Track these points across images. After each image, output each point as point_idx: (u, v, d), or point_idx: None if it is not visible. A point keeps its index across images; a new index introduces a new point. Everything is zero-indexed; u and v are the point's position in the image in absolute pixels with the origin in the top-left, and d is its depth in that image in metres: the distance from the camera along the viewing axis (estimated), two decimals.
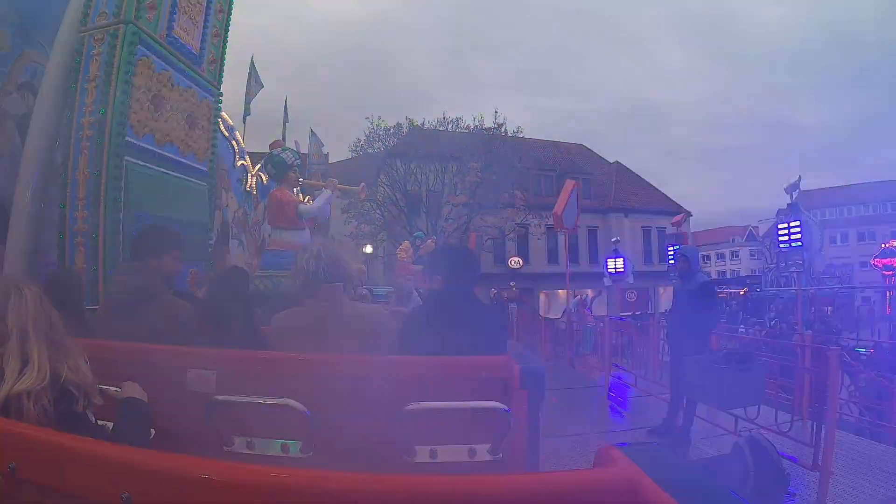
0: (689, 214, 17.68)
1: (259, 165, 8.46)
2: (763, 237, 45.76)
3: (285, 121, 13.78)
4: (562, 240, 11.52)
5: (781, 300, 20.22)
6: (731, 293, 28.66)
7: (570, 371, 9.66)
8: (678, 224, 16.17)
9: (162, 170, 4.77)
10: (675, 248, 11.77)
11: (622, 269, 12.61)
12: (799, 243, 8.16)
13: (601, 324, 9.86)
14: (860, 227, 39.90)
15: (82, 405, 1.21)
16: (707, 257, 40.01)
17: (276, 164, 5.35)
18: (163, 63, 4.61)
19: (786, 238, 8.31)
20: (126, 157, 4.24)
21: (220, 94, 5.66)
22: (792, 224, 8.24)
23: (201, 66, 5.23)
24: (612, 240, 13.84)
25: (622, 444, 0.87)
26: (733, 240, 55.18)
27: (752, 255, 50.74)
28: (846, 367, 6.39)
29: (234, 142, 7.75)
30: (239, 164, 8.24)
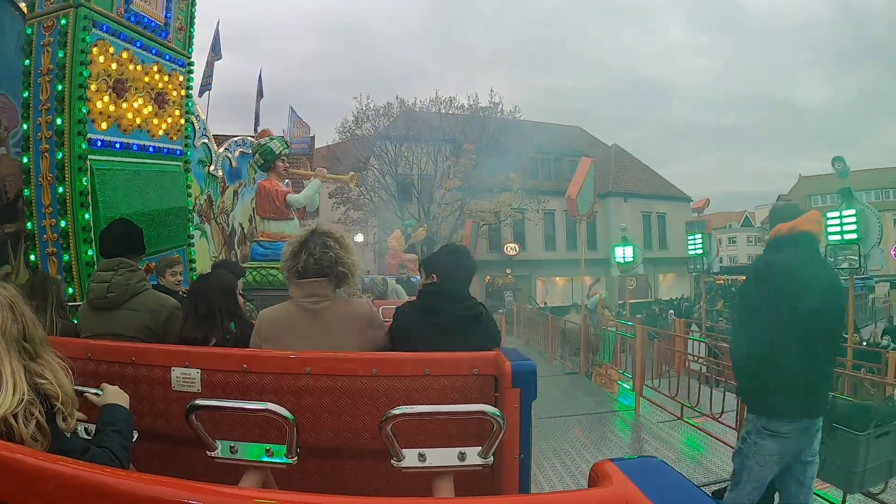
0: (707, 201, 16.97)
1: (225, 146, 7.89)
2: (763, 223, 45.09)
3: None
4: (579, 229, 10.89)
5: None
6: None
7: (588, 385, 8.11)
8: (700, 210, 15.46)
9: (131, 161, 4.47)
10: (698, 236, 11.34)
11: (631, 258, 11.88)
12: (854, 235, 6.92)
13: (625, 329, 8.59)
14: None
15: (62, 419, 1.13)
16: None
17: (264, 153, 5.27)
18: (122, 43, 4.26)
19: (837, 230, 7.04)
20: (90, 157, 3.94)
21: (191, 62, 5.25)
22: (846, 214, 6.98)
23: (168, 35, 4.85)
24: (621, 227, 13.39)
25: (618, 460, 0.83)
26: (730, 225, 53.49)
27: (749, 242, 50.01)
28: None
29: (193, 117, 6.89)
30: (200, 142, 7.47)
